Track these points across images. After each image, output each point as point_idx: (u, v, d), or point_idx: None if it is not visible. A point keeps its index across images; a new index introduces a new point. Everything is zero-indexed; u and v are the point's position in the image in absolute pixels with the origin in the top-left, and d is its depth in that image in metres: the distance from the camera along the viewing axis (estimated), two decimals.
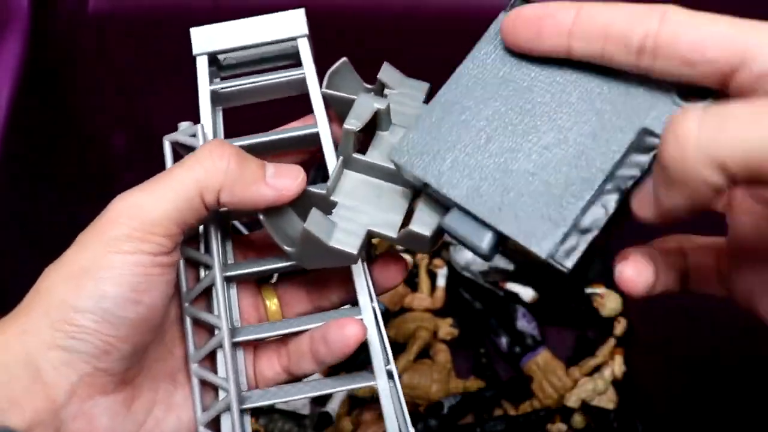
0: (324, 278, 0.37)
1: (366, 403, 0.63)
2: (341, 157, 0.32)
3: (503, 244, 0.27)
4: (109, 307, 0.28)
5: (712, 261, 0.29)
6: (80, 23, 0.56)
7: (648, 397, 0.64)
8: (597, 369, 0.65)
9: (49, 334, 0.28)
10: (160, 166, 0.37)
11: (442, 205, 0.29)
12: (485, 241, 0.27)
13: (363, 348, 0.34)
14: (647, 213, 0.24)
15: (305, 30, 0.35)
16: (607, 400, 0.63)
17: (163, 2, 0.57)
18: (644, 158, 0.25)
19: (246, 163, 0.31)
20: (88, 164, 0.65)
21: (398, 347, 0.66)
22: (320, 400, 0.63)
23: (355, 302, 0.35)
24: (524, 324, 0.67)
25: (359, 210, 0.32)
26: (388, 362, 0.33)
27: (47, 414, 0.28)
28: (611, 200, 0.25)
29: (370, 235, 0.31)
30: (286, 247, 0.31)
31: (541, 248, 0.25)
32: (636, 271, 0.26)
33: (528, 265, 0.68)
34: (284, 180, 0.31)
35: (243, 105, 0.39)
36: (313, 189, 0.31)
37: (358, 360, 0.61)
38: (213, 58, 0.36)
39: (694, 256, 0.29)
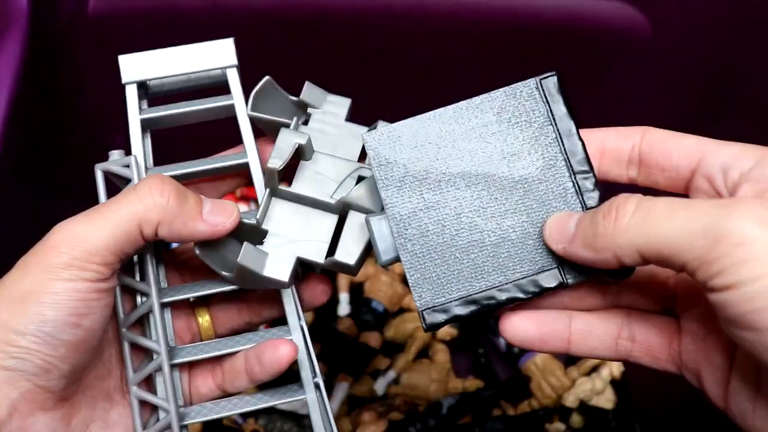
0: (255, 296, 0.38)
1: (365, 403, 0.63)
2: (268, 190, 0.34)
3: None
4: (49, 330, 0.29)
5: (661, 336, 0.31)
6: (80, 24, 0.56)
7: (646, 397, 0.64)
8: (595, 369, 0.65)
9: None
10: (163, 163, 0.38)
11: (367, 228, 0.31)
12: (387, 256, 0.29)
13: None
14: (556, 247, 0.28)
15: (234, 60, 0.36)
16: (606, 400, 0.64)
17: (163, 3, 0.57)
18: (546, 284, 0.28)
19: (184, 200, 0.32)
20: (87, 165, 0.64)
21: (397, 347, 0.66)
22: None
23: (284, 320, 0.36)
24: None
25: (289, 238, 0.34)
26: (315, 375, 0.36)
27: None
28: (501, 296, 0.29)
29: (299, 261, 0.33)
30: (223, 272, 0.33)
31: (420, 299, 0.28)
32: (516, 322, 0.30)
33: None
34: (219, 217, 0.33)
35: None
36: (245, 220, 0.33)
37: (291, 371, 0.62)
38: (141, 84, 0.37)
39: (641, 327, 0.31)
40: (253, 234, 0.34)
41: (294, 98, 0.38)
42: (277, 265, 0.33)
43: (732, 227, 0.21)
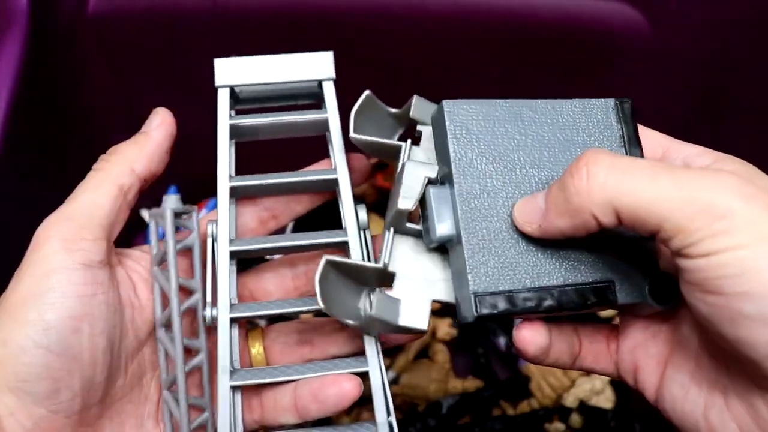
0: (326, 330, 0.35)
1: (366, 402, 0.63)
2: (392, 229, 0.30)
3: (449, 245, 0.28)
4: (53, 338, 0.28)
5: (602, 340, 0.31)
6: (80, 24, 0.56)
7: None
8: None
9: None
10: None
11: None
12: (444, 229, 0.27)
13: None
14: (531, 228, 0.27)
15: (332, 74, 0.34)
16: (605, 400, 0.64)
17: (163, 3, 0.57)
18: (592, 298, 0.27)
19: (140, 140, 0.34)
20: (88, 166, 0.65)
21: (396, 347, 0.66)
22: None
23: (355, 354, 0.33)
24: None
25: (416, 278, 0.30)
26: (389, 414, 0.33)
27: None
28: (547, 303, 0.27)
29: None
30: (347, 321, 0.30)
31: (474, 283, 0.26)
32: (531, 334, 0.28)
33: None
34: (156, 121, 0.34)
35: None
36: (367, 264, 0.30)
37: None
38: (232, 90, 0.36)
39: (586, 334, 0.31)
40: (381, 278, 0.30)
41: (393, 110, 0.35)
42: (412, 312, 0.29)
43: (717, 200, 0.22)
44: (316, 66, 0.34)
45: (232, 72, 0.34)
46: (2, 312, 0.29)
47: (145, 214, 0.73)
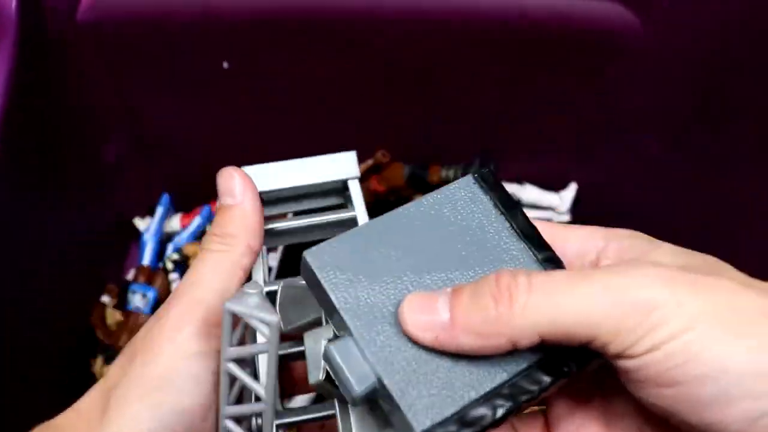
0: None
1: None
2: (336, 403, 0.30)
3: (374, 395, 0.24)
4: (186, 422, 0.26)
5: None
6: (70, 31, 0.56)
7: None
8: None
9: None
10: (153, 173, 0.37)
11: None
12: (364, 384, 0.24)
13: None
14: (425, 336, 0.24)
15: (357, 172, 0.35)
16: None
17: (153, 9, 0.57)
18: (546, 378, 0.24)
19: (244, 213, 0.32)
20: (81, 173, 0.64)
21: None
22: None
23: None
24: None
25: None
26: None
27: None
28: (502, 407, 0.24)
29: None
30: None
31: (418, 421, 0.23)
32: None
33: None
34: (236, 187, 0.32)
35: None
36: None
37: None
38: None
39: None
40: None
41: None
42: None
43: (642, 294, 0.21)
44: (341, 166, 0.35)
45: (258, 179, 0.34)
46: (131, 390, 0.27)
47: (138, 223, 0.72)
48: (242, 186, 0.33)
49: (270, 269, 0.67)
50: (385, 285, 0.25)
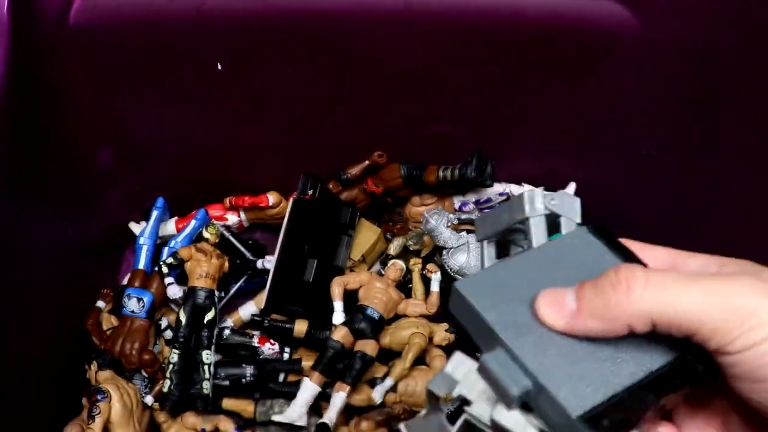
0: None
1: (363, 411, 0.62)
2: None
3: (527, 396, 0.28)
4: None
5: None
6: (61, 36, 0.56)
7: None
8: None
9: None
10: (147, 177, 0.37)
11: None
12: (520, 385, 0.27)
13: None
14: (557, 323, 0.28)
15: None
16: None
17: (145, 14, 0.56)
18: (682, 377, 0.28)
19: None
20: (74, 177, 0.64)
21: (394, 354, 0.65)
22: (317, 411, 0.62)
23: None
24: None
25: None
26: None
27: None
28: (643, 398, 0.27)
29: None
30: None
31: (572, 408, 0.26)
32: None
33: None
34: None
35: None
36: None
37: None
38: None
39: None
40: None
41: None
42: None
43: (742, 301, 0.25)
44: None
45: None
46: None
47: (133, 227, 0.72)
48: None
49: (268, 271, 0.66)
50: (523, 304, 0.29)
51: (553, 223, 0.40)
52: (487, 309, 0.29)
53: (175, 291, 0.66)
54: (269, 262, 0.67)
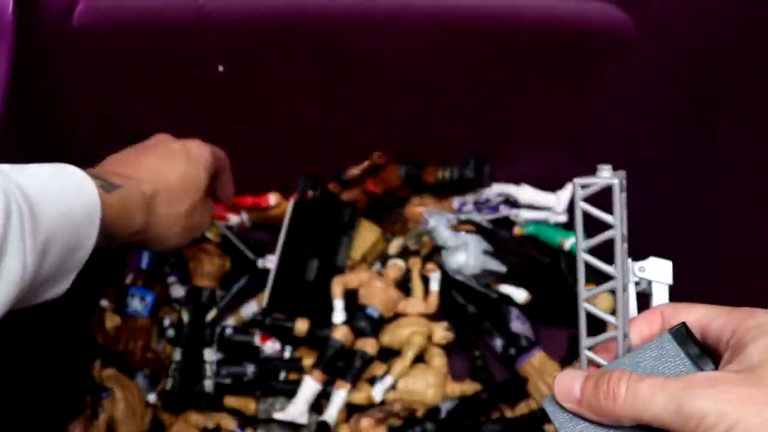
0: None
1: (363, 409, 0.63)
2: None
3: None
4: None
5: None
6: (65, 37, 0.56)
7: None
8: None
9: None
10: None
11: None
12: None
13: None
14: (567, 405, 0.33)
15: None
16: None
17: (147, 14, 0.57)
18: None
19: None
20: None
21: (393, 353, 0.66)
22: (318, 409, 0.63)
23: None
24: (518, 325, 0.67)
25: None
26: None
27: None
28: None
29: None
30: None
31: None
32: None
33: (521, 267, 0.68)
34: None
35: None
36: None
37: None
38: None
39: None
40: None
41: None
42: None
43: (693, 408, 0.29)
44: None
45: None
46: None
47: None
48: None
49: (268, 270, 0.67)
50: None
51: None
52: (561, 424, 0.34)
53: (177, 290, 0.67)
54: (270, 262, 0.68)
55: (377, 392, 0.62)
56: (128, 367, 0.64)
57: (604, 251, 0.34)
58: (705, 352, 0.34)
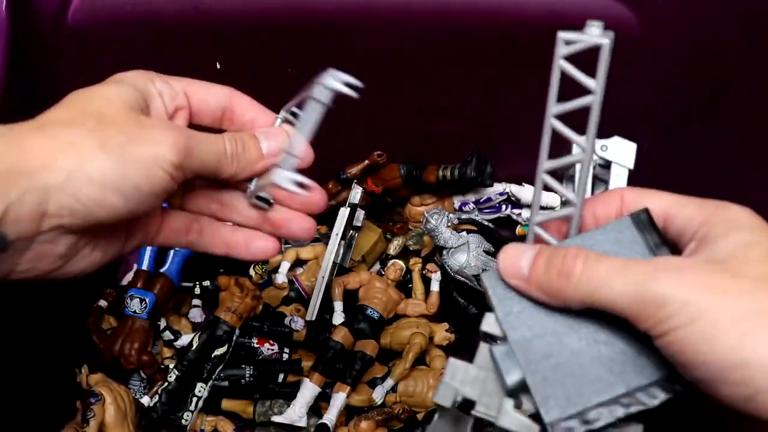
0: None
1: (363, 412, 0.62)
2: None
3: (522, 389, 0.31)
4: None
5: None
6: (60, 35, 0.56)
7: None
8: None
9: None
10: None
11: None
12: (512, 378, 0.30)
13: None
14: (510, 280, 0.30)
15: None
16: None
17: (143, 10, 0.56)
18: (661, 395, 0.29)
19: None
20: None
21: (394, 354, 0.65)
22: (317, 411, 0.62)
23: None
24: None
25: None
26: None
27: None
28: (618, 411, 0.29)
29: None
30: None
31: (548, 414, 0.29)
32: None
33: None
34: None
35: None
36: None
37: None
38: None
39: None
40: None
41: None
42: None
43: (656, 293, 0.26)
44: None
45: None
46: None
47: None
48: None
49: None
50: (536, 306, 0.31)
51: None
52: (500, 303, 0.31)
53: (195, 315, 0.66)
54: (296, 323, 0.66)
55: (377, 394, 0.62)
56: (121, 370, 0.63)
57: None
58: (665, 243, 0.31)
